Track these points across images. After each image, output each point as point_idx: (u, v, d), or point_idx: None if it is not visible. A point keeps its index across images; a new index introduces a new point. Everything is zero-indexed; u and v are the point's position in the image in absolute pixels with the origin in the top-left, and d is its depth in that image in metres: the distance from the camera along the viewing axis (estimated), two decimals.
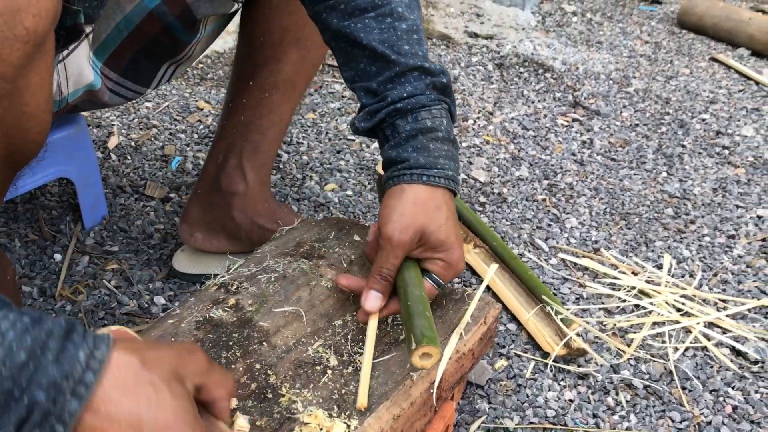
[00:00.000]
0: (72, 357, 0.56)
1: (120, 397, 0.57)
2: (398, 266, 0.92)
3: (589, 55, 2.61)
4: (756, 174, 1.91)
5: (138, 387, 0.58)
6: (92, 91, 1.05)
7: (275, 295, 0.94)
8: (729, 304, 1.41)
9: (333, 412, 0.81)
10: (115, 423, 0.56)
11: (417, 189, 0.94)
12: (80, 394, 0.55)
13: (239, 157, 1.31)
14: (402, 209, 0.92)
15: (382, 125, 0.99)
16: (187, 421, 0.60)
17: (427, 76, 0.98)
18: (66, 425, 0.55)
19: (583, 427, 1.13)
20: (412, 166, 0.94)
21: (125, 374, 0.58)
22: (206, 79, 2.11)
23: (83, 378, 0.56)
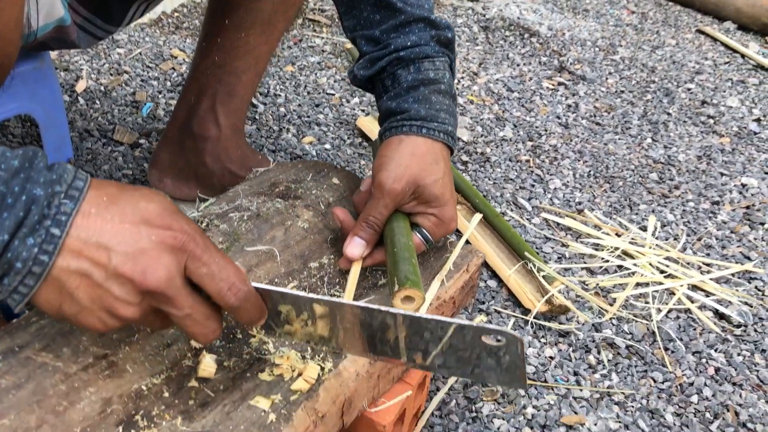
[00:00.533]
0: (61, 167, 0.59)
1: (107, 200, 0.59)
2: (387, 216, 0.88)
3: (576, 22, 2.56)
4: (741, 144, 1.88)
5: (121, 192, 0.61)
6: (62, 26, 0.99)
7: (248, 233, 0.88)
8: (713, 268, 1.39)
9: (306, 354, 0.76)
10: (108, 221, 0.59)
11: (416, 141, 0.90)
12: (73, 195, 0.58)
13: (212, 100, 1.24)
14: (398, 159, 0.88)
15: (382, 74, 0.96)
16: (172, 209, 0.62)
17: (432, 28, 0.95)
18: (62, 227, 0.57)
19: (563, 384, 1.10)
20: (412, 117, 0.90)
21: (107, 187, 0.61)
22: (181, 28, 2.03)
23: (74, 183, 0.58)
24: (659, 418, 1.07)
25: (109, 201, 0.60)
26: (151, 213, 0.61)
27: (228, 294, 0.63)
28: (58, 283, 0.59)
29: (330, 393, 0.74)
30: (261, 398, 0.71)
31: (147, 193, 0.63)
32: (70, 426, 0.64)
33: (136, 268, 0.59)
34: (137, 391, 0.69)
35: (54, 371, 0.67)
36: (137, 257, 0.59)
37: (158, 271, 0.59)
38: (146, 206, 0.61)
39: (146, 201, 0.61)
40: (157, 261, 0.59)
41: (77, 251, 0.58)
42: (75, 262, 0.58)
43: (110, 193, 0.60)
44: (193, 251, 0.61)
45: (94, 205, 0.59)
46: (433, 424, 1.01)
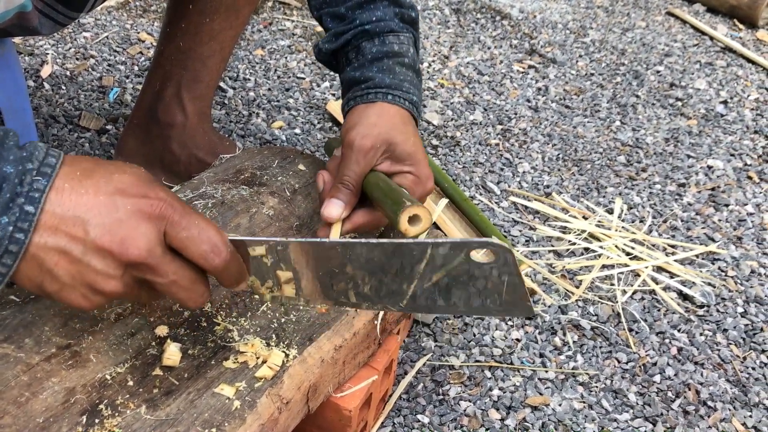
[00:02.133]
0: (32, 145, 0.58)
1: (80, 174, 0.59)
2: (362, 175, 0.86)
3: (547, 5, 2.56)
4: (707, 126, 1.91)
5: (95, 165, 0.61)
6: (23, 13, 0.97)
7: (213, 221, 0.88)
8: (678, 250, 1.41)
9: (271, 341, 0.77)
10: (82, 194, 0.58)
11: (382, 105, 0.90)
12: (45, 172, 0.57)
13: (177, 86, 1.23)
14: (366, 119, 0.88)
15: (347, 48, 0.96)
16: (147, 178, 0.62)
17: (396, 6, 0.96)
18: (36, 204, 0.56)
19: (529, 366, 1.12)
20: (377, 85, 0.90)
21: (81, 162, 0.61)
22: (149, 11, 2.00)
23: (46, 159, 0.58)
24: (622, 397, 1.09)
25: (82, 175, 0.59)
26: (126, 183, 0.60)
27: (211, 255, 0.63)
28: (36, 260, 0.58)
29: (295, 379, 0.74)
30: (225, 386, 0.71)
31: (121, 166, 0.62)
32: (32, 416, 0.64)
33: (114, 239, 0.58)
34: (101, 381, 0.69)
35: (16, 362, 0.67)
36: (115, 228, 0.58)
37: (137, 240, 0.59)
38: (120, 177, 0.60)
39: (120, 173, 0.61)
40: (136, 230, 0.59)
41: (53, 227, 0.57)
42: (52, 239, 0.58)
43: (84, 167, 0.60)
44: (171, 217, 0.61)
45: (67, 180, 0.58)
46: (400, 408, 1.02)
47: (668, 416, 1.07)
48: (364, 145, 0.85)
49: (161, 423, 0.66)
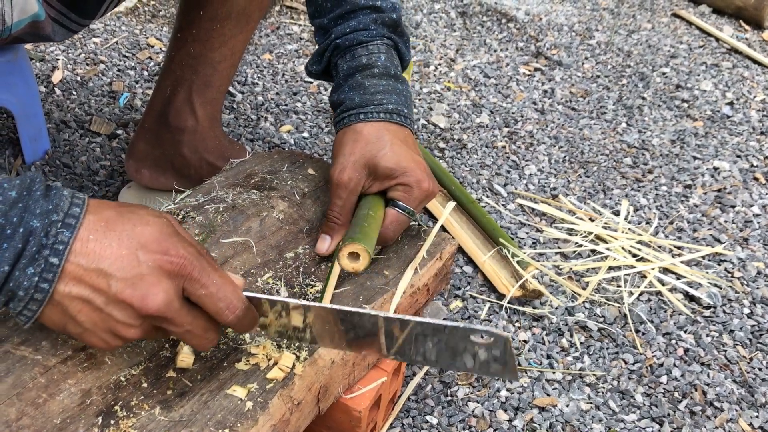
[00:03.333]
0: (57, 194, 0.61)
1: (105, 225, 0.62)
2: (346, 206, 0.90)
3: (553, 7, 2.57)
4: (713, 127, 1.91)
5: (119, 216, 0.63)
6: (37, 22, 0.99)
7: (224, 225, 0.90)
8: (684, 251, 1.42)
9: (282, 343, 0.78)
10: (106, 247, 0.61)
11: (355, 128, 0.92)
12: (70, 223, 0.60)
13: (188, 91, 1.25)
14: (342, 148, 0.91)
15: (330, 67, 0.99)
16: (169, 232, 0.64)
17: (375, 11, 0.97)
18: (60, 256, 0.59)
19: (536, 367, 1.12)
20: (348, 107, 0.93)
21: (105, 210, 0.63)
22: (158, 16, 2.02)
23: (70, 210, 0.60)
24: (629, 398, 1.10)
25: (106, 227, 0.62)
26: (148, 238, 0.63)
27: (226, 313, 0.67)
28: (60, 307, 0.62)
29: (305, 380, 0.75)
30: (238, 387, 0.72)
31: (144, 216, 0.65)
32: (50, 417, 0.65)
33: (135, 293, 0.62)
34: (116, 382, 0.70)
35: (33, 364, 0.68)
36: (136, 283, 0.61)
37: (157, 296, 0.62)
38: (142, 231, 0.63)
39: (143, 225, 0.63)
40: (156, 286, 0.62)
41: (77, 277, 0.61)
42: (76, 288, 0.61)
43: (107, 217, 0.63)
44: (190, 274, 0.64)
45: (92, 231, 0.61)
46: (409, 409, 1.03)
47: (675, 417, 1.08)
48: (341, 179, 0.89)
49: (175, 424, 0.67)
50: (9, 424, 0.63)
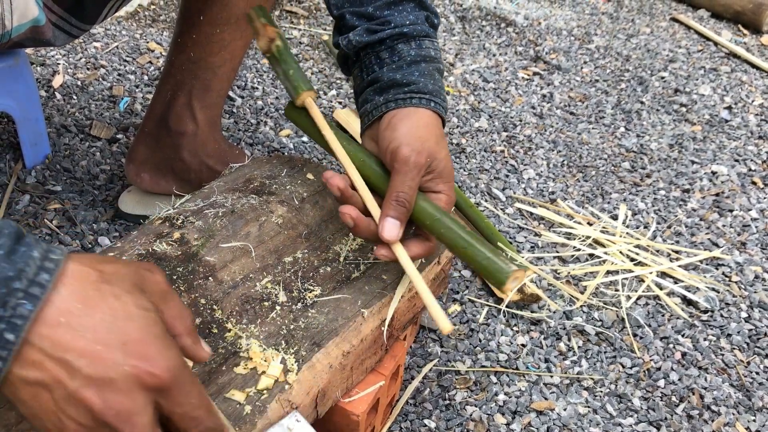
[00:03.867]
0: (25, 254, 0.51)
1: (81, 307, 0.52)
2: (415, 192, 0.83)
3: (552, 11, 2.58)
4: (712, 132, 1.92)
5: (100, 298, 0.53)
6: (37, 27, 0.99)
7: (222, 230, 0.90)
8: (682, 255, 1.42)
9: (281, 347, 0.79)
10: (78, 336, 0.51)
11: (425, 113, 0.87)
12: (34, 294, 0.50)
13: (188, 95, 1.25)
14: (415, 131, 0.85)
15: (379, 46, 0.92)
16: (156, 333, 0.55)
17: (423, 10, 0.95)
18: (17, 332, 0.49)
19: (534, 371, 1.13)
20: (420, 90, 0.88)
21: (84, 285, 0.53)
22: (158, 21, 2.03)
23: (37, 277, 0.51)
24: (627, 402, 1.10)
25: (83, 310, 0.52)
26: (131, 338, 0.53)
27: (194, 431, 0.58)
28: (11, 388, 0.52)
29: (303, 385, 0.76)
30: (236, 391, 0.73)
31: (129, 305, 0.54)
32: None
33: (97, 395, 0.52)
34: None
35: None
36: (102, 386, 0.52)
37: (122, 404, 0.52)
38: (125, 327, 0.53)
39: (126, 319, 0.54)
40: (125, 396, 0.52)
41: (38, 364, 0.51)
42: (32, 374, 0.51)
43: (86, 296, 0.53)
44: (169, 391, 0.55)
45: (63, 312, 0.51)
46: (407, 413, 1.04)
47: (672, 421, 1.08)
48: (419, 162, 0.83)
49: None
50: (9, 428, 0.64)
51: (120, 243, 0.87)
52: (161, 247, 0.86)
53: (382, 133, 0.87)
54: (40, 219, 1.25)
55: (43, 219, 1.25)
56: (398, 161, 0.83)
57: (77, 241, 1.22)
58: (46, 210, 1.28)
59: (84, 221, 1.26)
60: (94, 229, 1.25)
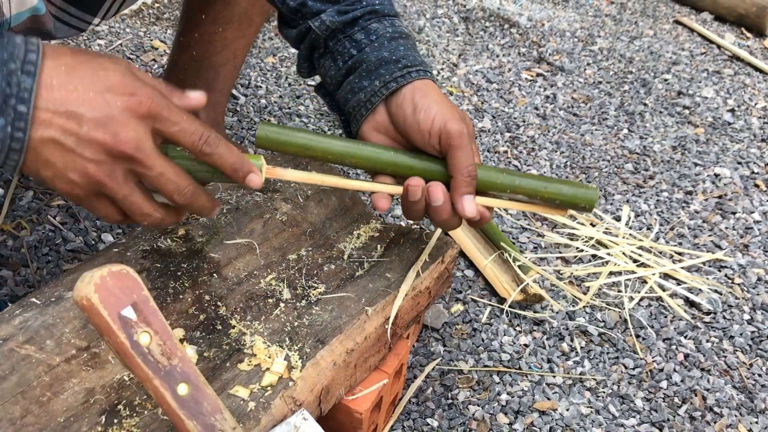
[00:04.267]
0: (10, 42, 0.61)
1: (66, 70, 0.62)
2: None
3: (555, 13, 2.58)
4: (715, 134, 1.92)
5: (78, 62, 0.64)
6: (37, 16, 0.99)
7: (227, 226, 0.90)
8: (684, 257, 1.42)
9: (285, 344, 0.79)
10: (71, 90, 0.62)
11: (432, 83, 0.85)
12: (29, 71, 0.60)
13: None
14: (444, 102, 0.82)
15: (352, 28, 0.88)
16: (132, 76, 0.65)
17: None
18: (28, 104, 0.60)
19: (537, 371, 1.13)
20: (414, 63, 0.85)
21: (62, 56, 0.63)
22: (162, 19, 2.03)
23: (27, 57, 0.61)
24: (629, 402, 1.10)
25: (68, 71, 0.63)
26: (113, 81, 0.64)
27: (199, 143, 0.68)
28: (35, 152, 0.63)
29: (307, 382, 0.76)
30: (240, 387, 0.73)
31: (104, 62, 0.65)
32: (54, 416, 0.66)
33: (106, 132, 0.63)
34: (119, 382, 0.71)
35: (37, 363, 0.69)
36: (107, 123, 0.63)
37: (128, 134, 0.64)
38: (106, 75, 0.64)
39: (104, 70, 0.64)
40: (126, 126, 0.64)
41: (48, 121, 0.62)
42: (47, 132, 0.62)
43: (66, 62, 0.63)
44: (159, 114, 0.66)
45: (54, 76, 0.62)
46: (410, 411, 1.03)
47: (675, 422, 1.08)
48: (471, 132, 0.81)
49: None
50: (14, 421, 0.64)
51: (125, 239, 0.87)
52: (166, 244, 0.86)
53: (405, 115, 0.83)
54: (43, 215, 1.25)
55: (46, 215, 1.25)
56: (453, 137, 0.80)
57: (80, 237, 1.22)
58: (50, 206, 1.28)
59: (87, 218, 1.26)
60: (97, 226, 1.25)
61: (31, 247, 1.18)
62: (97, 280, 0.58)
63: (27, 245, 1.18)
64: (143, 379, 0.60)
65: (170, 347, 0.62)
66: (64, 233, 1.22)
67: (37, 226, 1.23)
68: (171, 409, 0.61)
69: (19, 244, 1.18)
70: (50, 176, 0.65)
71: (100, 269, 0.58)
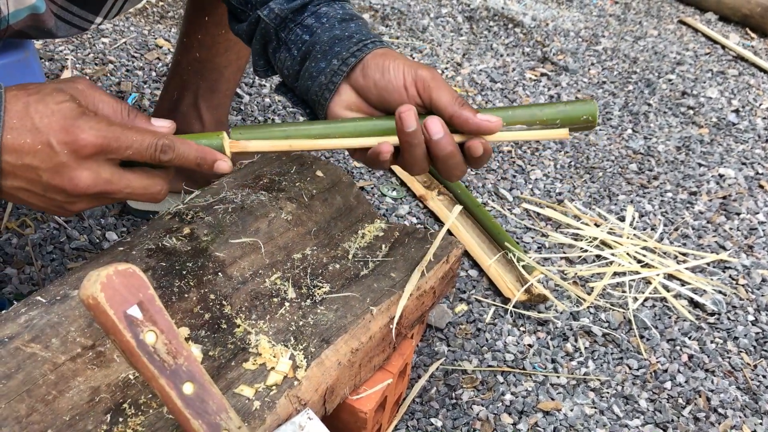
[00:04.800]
0: None
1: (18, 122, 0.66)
2: None
3: (559, 13, 2.58)
4: (719, 135, 1.92)
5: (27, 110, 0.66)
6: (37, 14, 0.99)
7: (232, 225, 0.90)
8: (688, 258, 1.42)
9: (290, 343, 0.79)
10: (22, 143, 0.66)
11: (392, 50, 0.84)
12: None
13: (194, 96, 1.25)
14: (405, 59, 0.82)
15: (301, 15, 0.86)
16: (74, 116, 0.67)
17: None
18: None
19: (541, 372, 1.13)
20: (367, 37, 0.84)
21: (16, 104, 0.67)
22: (166, 18, 2.03)
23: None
24: (633, 403, 1.10)
25: (19, 122, 0.66)
26: (55, 128, 0.66)
27: (156, 155, 0.70)
28: (12, 196, 0.69)
29: (312, 381, 0.76)
30: (245, 387, 0.73)
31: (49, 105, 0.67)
32: (59, 414, 0.66)
33: (63, 179, 0.67)
34: (124, 380, 0.71)
35: (43, 361, 0.69)
36: (60, 170, 0.67)
37: (82, 175, 0.67)
38: (49, 123, 0.66)
39: (48, 116, 0.67)
40: (77, 169, 0.67)
41: (13, 173, 0.67)
42: (16, 182, 0.68)
43: (17, 112, 0.66)
44: (107, 148, 0.68)
45: (8, 129, 0.65)
46: (414, 411, 1.03)
47: (679, 423, 1.08)
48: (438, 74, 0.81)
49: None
50: (19, 420, 0.64)
51: (130, 237, 0.87)
52: (171, 242, 0.86)
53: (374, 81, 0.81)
54: (47, 213, 1.25)
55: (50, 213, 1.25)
56: (429, 80, 0.79)
57: (85, 235, 1.22)
58: None
59: (91, 216, 1.26)
60: (101, 224, 1.25)
61: (36, 245, 1.18)
62: (103, 278, 0.58)
63: (31, 243, 1.18)
64: (149, 378, 0.60)
65: (176, 346, 0.62)
66: (68, 231, 1.22)
67: (41, 224, 1.23)
68: (176, 408, 0.61)
69: (23, 242, 1.18)
70: (40, 209, 0.72)
71: (106, 268, 0.58)
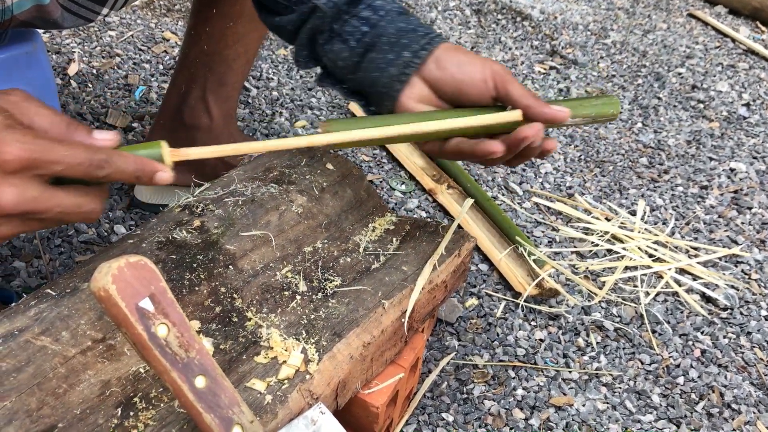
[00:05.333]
0: None
1: None
2: None
3: (568, 6, 2.56)
4: (729, 128, 1.90)
5: None
6: (42, 5, 0.98)
7: (243, 218, 0.89)
8: (700, 252, 1.41)
9: (301, 337, 0.78)
10: None
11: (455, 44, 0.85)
12: None
13: (203, 89, 1.24)
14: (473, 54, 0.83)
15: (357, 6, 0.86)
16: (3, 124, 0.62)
17: None
18: None
19: (552, 366, 1.12)
20: (431, 30, 0.84)
21: None
22: (173, 10, 2.02)
23: None
24: (646, 399, 1.09)
25: None
26: None
27: (90, 170, 0.64)
28: None
29: (324, 375, 0.75)
30: (257, 380, 0.72)
31: None
32: (70, 408, 0.65)
33: None
34: (135, 374, 0.70)
35: (53, 354, 0.68)
36: None
37: (6, 195, 0.61)
38: None
39: None
40: (1, 186, 0.61)
41: None
42: None
43: None
44: (34, 162, 0.62)
45: None
46: (425, 406, 1.03)
47: (692, 418, 1.07)
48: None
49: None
50: (30, 413, 0.63)
51: (140, 230, 0.86)
52: (181, 235, 0.85)
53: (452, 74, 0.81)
54: None
55: None
56: (505, 74, 0.80)
57: (93, 228, 1.21)
58: None
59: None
60: (109, 218, 1.25)
61: (44, 239, 1.18)
62: (114, 270, 0.57)
63: (39, 236, 1.18)
64: (161, 371, 0.60)
65: (188, 339, 0.61)
66: (76, 224, 1.21)
67: None
68: (188, 401, 0.61)
69: (31, 236, 1.18)
70: None
71: (117, 260, 0.58)
